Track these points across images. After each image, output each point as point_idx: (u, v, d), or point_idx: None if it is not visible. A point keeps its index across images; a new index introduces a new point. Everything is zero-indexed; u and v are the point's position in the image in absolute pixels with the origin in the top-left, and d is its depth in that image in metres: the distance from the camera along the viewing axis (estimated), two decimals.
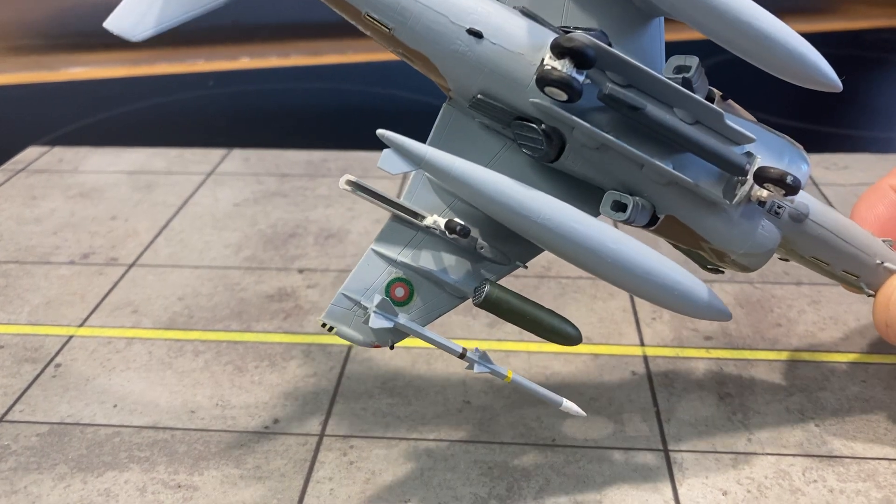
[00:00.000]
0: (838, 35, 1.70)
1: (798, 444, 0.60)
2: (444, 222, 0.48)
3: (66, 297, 0.80)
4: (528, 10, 0.47)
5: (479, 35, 0.46)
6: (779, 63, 0.44)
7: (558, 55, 0.44)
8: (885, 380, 0.67)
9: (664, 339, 0.73)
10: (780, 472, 0.58)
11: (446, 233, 0.48)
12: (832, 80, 0.45)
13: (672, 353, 0.71)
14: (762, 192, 0.49)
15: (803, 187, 0.50)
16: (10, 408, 0.65)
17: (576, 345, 0.52)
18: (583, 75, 0.44)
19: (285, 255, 0.87)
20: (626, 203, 0.48)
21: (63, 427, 0.63)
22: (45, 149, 1.16)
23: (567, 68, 0.43)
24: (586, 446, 0.60)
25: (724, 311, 0.54)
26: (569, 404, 0.54)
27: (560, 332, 0.51)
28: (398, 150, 0.46)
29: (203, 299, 0.79)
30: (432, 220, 0.49)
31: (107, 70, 1.54)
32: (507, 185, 0.47)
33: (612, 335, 0.74)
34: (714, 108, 0.46)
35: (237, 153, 1.14)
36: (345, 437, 0.62)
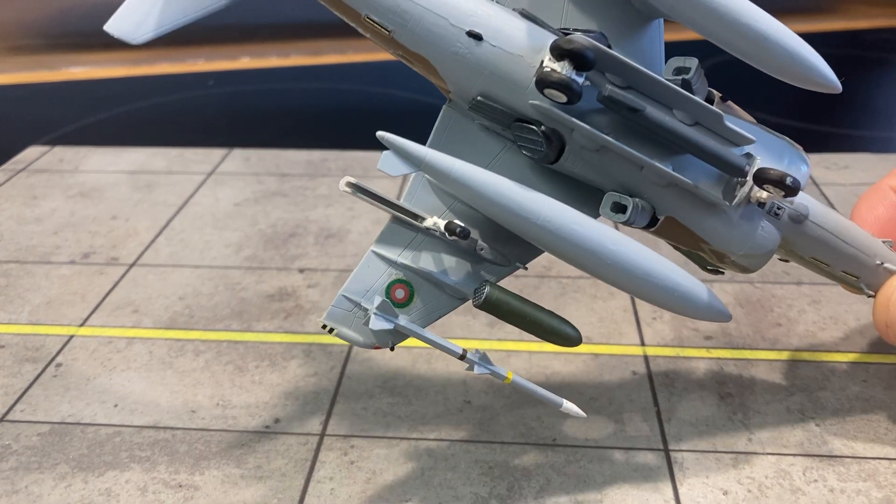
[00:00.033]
0: (838, 35, 1.70)
1: (798, 444, 0.61)
2: (444, 224, 0.48)
3: (66, 296, 0.80)
4: (528, 12, 0.48)
5: (479, 37, 0.46)
6: (778, 64, 0.44)
7: (558, 57, 0.44)
8: (886, 379, 0.67)
9: (664, 338, 0.73)
10: (781, 471, 0.58)
11: (446, 234, 0.48)
12: (831, 81, 0.45)
13: (672, 353, 0.71)
14: (762, 194, 0.49)
15: (803, 188, 0.50)
16: (11, 407, 0.65)
17: (576, 346, 0.52)
18: (582, 77, 0.44)
19: (286, 254, 0.87)
20: (626, 204, 0.48)
21: (64, 427, 0.63)
22: (46, 148, 1.16)
23: (566, 70, 0.43)
24: (587, 446, 0.61)
25: (723, 312, 0.54)
26: (569, 405, 0.53)
27: (560, 334, 0.51)
28: (398, 153, 0.47)
29: (204, 299, 0.79)
30: (432, 221, 0.49)
31: (107, 70, 1.54)
32: (507, 186, 0.47)
33: (613, 335, 0.74)
34: (713, 110, 0.46)
35: (237, 153, 1.14)
36: (345, 436, 0.62)
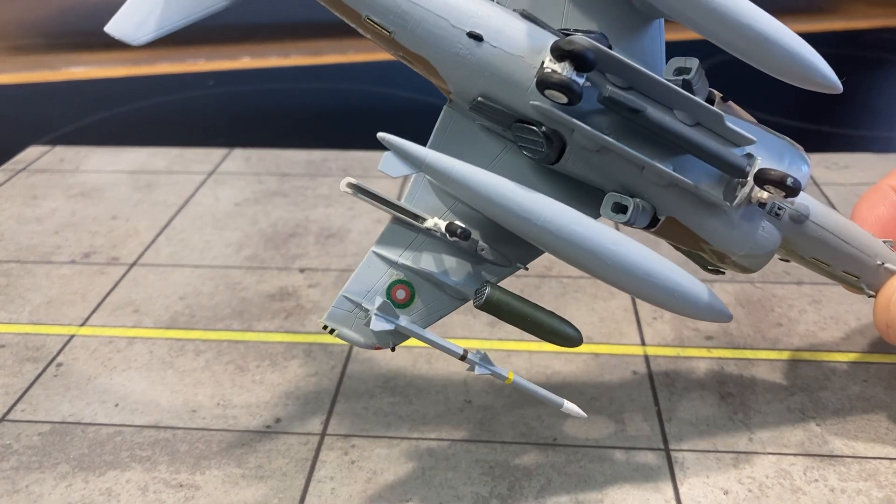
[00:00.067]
0: (838, 35, 1.70)
1: (799, 444, 0.61)
2: (444, 225, 0.48)
3: (67, 296, 0.80)
4: (528, 13, 0.48)
5: (480, 38, 0.46)
6: (778, 65, 0.44)
7: (558, 58, 0.44)
8: (886, 379, 0.67)
9: (665, 338, 0.73)
10: (782, 471, 0.58)
11: (447, 235, 0.48)
12: (832, 81, 0.45)
13: (673, 353, 0.71)
14: (762, 194, 0.49)
15: (804, 189, 0.50)
16: (12, 407, 0.65)
17: (576, 346, 0.52)
18: (583, 78, 0.44)
19: (286, 254, 0.87)
20: (627, 205, 0.48)
21: (64, 426, 0.63)
22: (46, 148, 1.16)
23: (567, 71, 0.43)
24: (587, 446, 0.61)
25: (724, 313, 0.54)
26: (570, 406, 0.54)
27: (560, 334, 0.51)
28: (398, 154, 0.46)
29: (204, 299, 0.79)
30: (433, 222, 0.49)
31: (107, 70, 1.54)
32: (508, 187, 0.47)
33: (613, 335, 0.74)
34: (714, 110, 0.46)
35: (238, 153, 1.14)
36: (346, 436, 0.62)
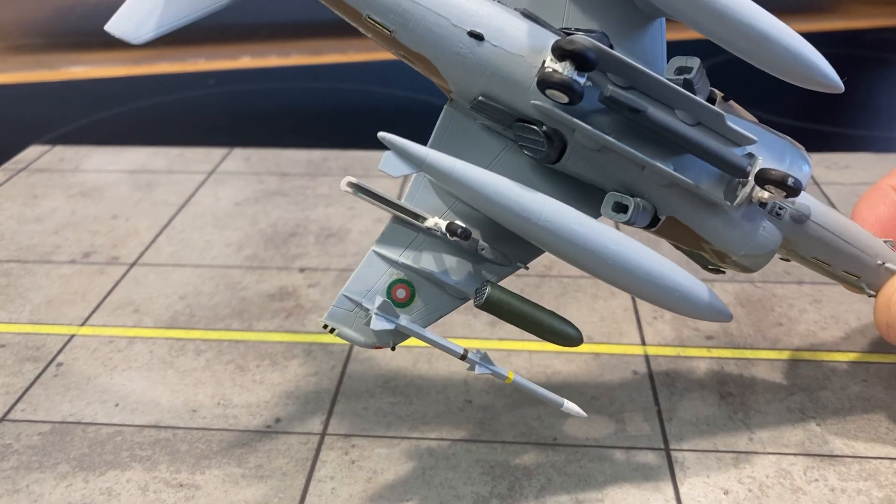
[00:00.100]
0: (838, 35, 1.70)
1: (799, 444, 0.61)
2: (445, 224, 0.48)
3: (67, 296, 0.80)
4: (529, 12, 0.47)
5: (481, 37, 0.46)
6: (780, 64, 0.44)
7: (559, 57, 0.44)
8: (886, 379, 0.67)
9: (665, 338, 0.73)
10: (782, 471, 0.58)
11: (447, 235, 0.48)
12: (833, 80, 0.45)
13: (673, 353, 0.71)
14: (763, 194, 0.49)
15: (804, 188, 0.50)
16: (12, 407, 0.65)
17: (577, 346, 0.52)
18: (584, 78, 0.44)
19: (286, 254, 0.87)
20: (627, 204, 0.48)
21: (65, 426, 0.63)
22: (46, 148, 1.16)
23: (568, 71, 0.43)
24: (588, 445, 0.61)
25: (724, 312, 0.54)
26: (570, 405, 0.53)
27: (561, 334, 0.51)
28: (399, 153, 0.46)
29: (204, 298, 0.79)
30: (433, 221, 0.49)
31: (108, 69, 1.54)
32: (508, 187, 0.47)
33: (614, 334, 0.74)
34: (715, 110, 0.46)
35: (238, 152, 1.14)
36: (346, 436, 0.62)
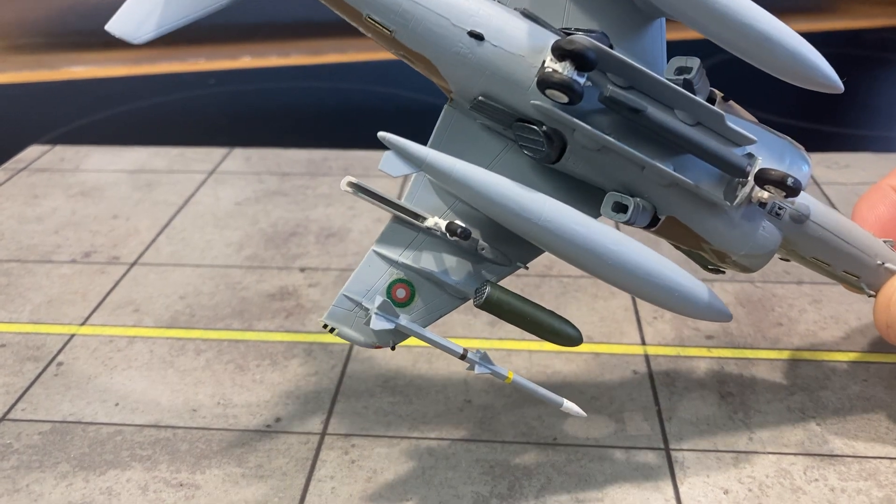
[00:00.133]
0: (838, 35, 1.70)
1: (799, 443, 0.61)
2: (445, 224, 0.48)
3: (67, 295, 0.80)
4: (529, 12, 0.48)
5: (481, 37, 0.46)
6: (780, 64, 0.44)
7: (559, 57, 0.44)
8: (887, 379, 0.67)
9: (665, 338, 0.73)
10: (782, 470, 0.58)
11: (447, 235, 0.48)
12: (833, 81, 0.45)
13: (673, 352, 0.71)
14: (763, 194, 0.49)
15: (804, 189, 0.50)
16: (13, 406, 0.65)
17: (576, 346, 0.52)
18: (584, 78, 0.44)
19: (286, 253, 0.87)
20: (627, 204, 0.48)
21: (65, 425, 0.63)
22: (47, 147, 1.16)
23: (568, 71, 0.43)
24: (587, 445, 0.61)
25: (724, 312, 0.54)
26: (569, 405, 0.54)
27: (561, 334, 0.51)
28: (399, 153, 0.46)
29: (204, 298, 0.79)
30: (433, 221, 0.49)
31: (108, 69, 1.54)
32: (508, 187, 0.47)
33: (614, 334, 0.74)
34: (715, 110, 0.46)
35: (238, 152, 1.14)
36: (346, 435, 0.62)
